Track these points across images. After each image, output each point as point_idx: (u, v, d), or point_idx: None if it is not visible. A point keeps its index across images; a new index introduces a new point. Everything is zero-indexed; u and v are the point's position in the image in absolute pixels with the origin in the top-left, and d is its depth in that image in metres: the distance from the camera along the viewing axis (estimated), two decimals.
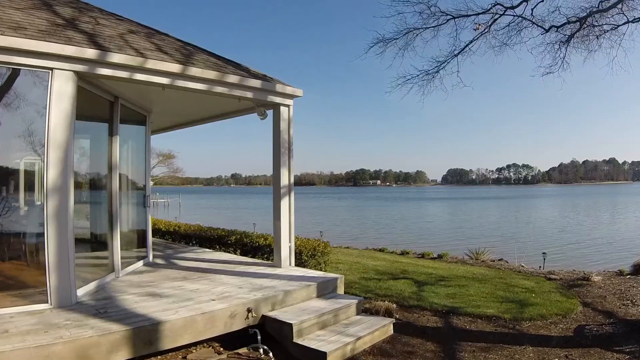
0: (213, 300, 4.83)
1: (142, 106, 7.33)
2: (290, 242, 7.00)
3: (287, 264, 6.92)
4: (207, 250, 9.01)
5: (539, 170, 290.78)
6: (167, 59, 5.48)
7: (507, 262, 11.95)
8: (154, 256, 7.85)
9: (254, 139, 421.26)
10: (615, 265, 14.20)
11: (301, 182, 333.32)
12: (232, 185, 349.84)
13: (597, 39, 7.59)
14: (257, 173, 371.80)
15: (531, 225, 30.36)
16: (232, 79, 6.04)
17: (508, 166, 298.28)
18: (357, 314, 5.46)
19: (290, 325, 4.57)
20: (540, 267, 10.43)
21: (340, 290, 6.10)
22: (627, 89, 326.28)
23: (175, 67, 5.39)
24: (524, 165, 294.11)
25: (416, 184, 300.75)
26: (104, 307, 4.47)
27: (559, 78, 7.71)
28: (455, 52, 7.07)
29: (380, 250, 13.16)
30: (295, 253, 7.23)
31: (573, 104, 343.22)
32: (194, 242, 9.76)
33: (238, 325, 4.66)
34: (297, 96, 7.02)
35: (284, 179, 6.96)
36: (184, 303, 4.67)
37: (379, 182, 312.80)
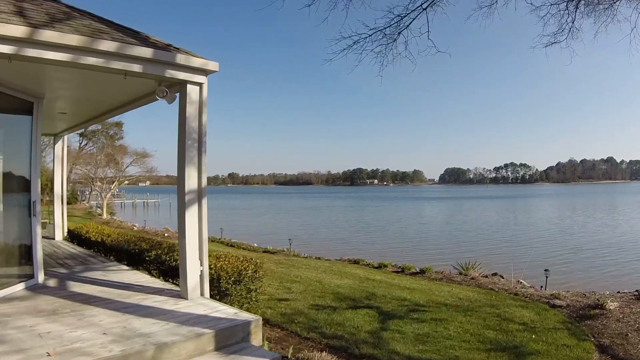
0: (48, 355, 3.28)
1: (26, 91, 5.56)
2: (201, 265, 5.18)
3: (196, 294, 5.11)
4: (125, 267, 7.24)
5: (537, 170, 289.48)
6: (16, 20, 3.86)
7: (503, 278, 10.12)
8: (51, 275, 6.33)
9: (254, 139, 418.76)
10: (630, 279, 12.51)
11: (298, 181, 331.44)
12: (229, 185, 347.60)
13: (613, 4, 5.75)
14: (254, 172, 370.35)
15: (531, 227, 28.57)
16: (107, 46, 4.26)
17: (506, 165, 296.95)
18: None
19: None
20: (541, 287, 8.60)
21: (256, 338, 4.25)
22: (627, 88, 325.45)
23: (20, 31, 3.83)
24: (521, 165, 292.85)
25: (413, 184, 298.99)
26: None
27: (566, 49, 5.84)
28: (424, 3, 5.10)
29: (355, 262, 11.33)
30: (213, 279, 5.39)
31: (572, 102, 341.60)
32: (114, 256, 7.95)
33: None
34: (210, 71, 5.20)
35: (192, 182, 5.13)
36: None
37: (376, 181, 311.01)
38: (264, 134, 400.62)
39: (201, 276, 5.24)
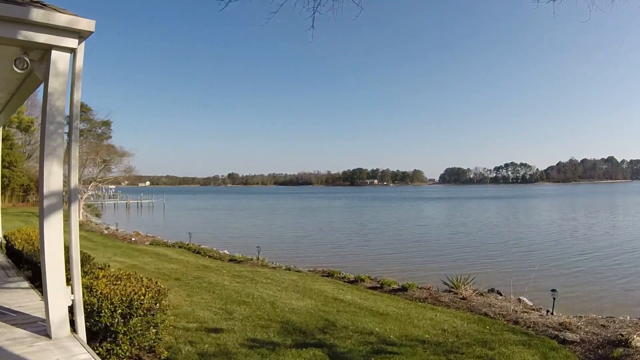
0: None
1: None
2: (72, 293, 3.67)
3: (63, 332, 3.68)
4: (25, 285, 6.07)
5: (537, 169, 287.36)
6: None
7: (501, 295, 8.56)
8: None
9: (252, 137, 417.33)
10: None
11: (298, 181, 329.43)
12: (228, 185, 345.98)
13: None
14: (254, 172, 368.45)
15: (534, 230, 26.94)
16: None
17: (506, 165, 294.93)
18: None
19: None
20: (548, 311, 6.99)
21: None
22: (627, 86, 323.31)
23: None
24: (522, 164, 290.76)
25: (413, 184, 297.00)
26: None
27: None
28: None
29: (329, 274, 9.72)
30: (93, 310, 3.84)
31: (572, 101, 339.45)
32: (30, 269, 6.52)
33: None
34: (85, 32, 3.75)
35: (54, 181, 3.64)
36: None
37: (375, 181, 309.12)
38: (264, 134, 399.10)
39: (72, 307, 3.72)
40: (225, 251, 13.85)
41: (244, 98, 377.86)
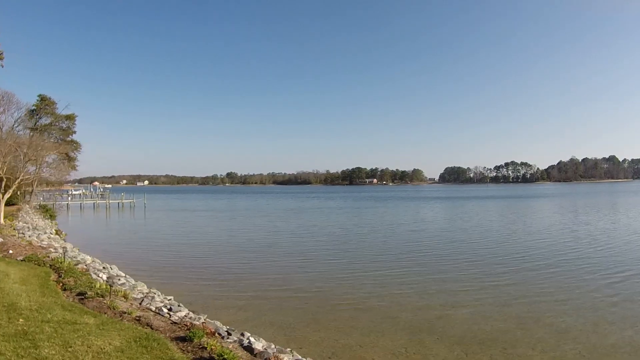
0: None
1: None
2: None
3: None
4: None
5: (538, 168, 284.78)
6: None
7: None
8: None
9: (251, 137, 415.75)
10: None
11: (297, 180, 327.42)
12: (227, 185, 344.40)
13: None
14: (253, 172, 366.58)
15: (544, 241, 24.89)
16: None
17: (506, 164, 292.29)
18: None
19: None
20: None
21: None
22: (627, 86, 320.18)
23: None
24: (522, 163, 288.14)
25: (413, 183, 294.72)
26: None
27: None
28: None
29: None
30: None
31: (572, 100, 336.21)
32: None
33: None
34: None
35: None
36: None
37: (375, 180, 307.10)
38: (263, 133, 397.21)
39: None
40: (102, 275, 11.38)
41: (243, 97, 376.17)
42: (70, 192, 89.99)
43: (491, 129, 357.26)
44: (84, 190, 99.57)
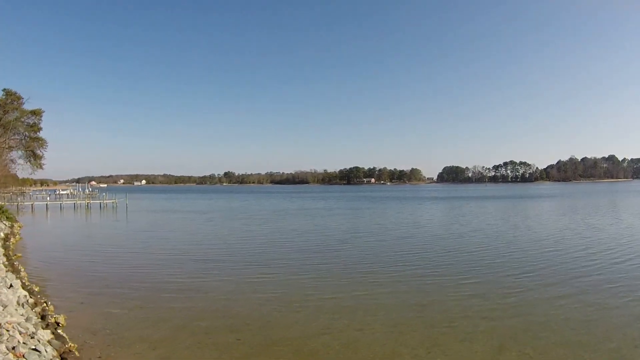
0: None
1: None
2: None
3: None
4: None
5: (537, 168, 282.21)
6: None
7: None
8: None
9: (249, 136, 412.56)
10: None
11: (295, 180, 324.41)
12: (224, 184, 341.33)
13: None
14: (251, 171, 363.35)
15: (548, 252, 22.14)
16: None
17: (505, 164, 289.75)
18: None
19: None
20: None
21: None
22: (627, 85, 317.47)
23: None
24: (521, 163, 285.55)
25: (411, 182, 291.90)
26: None
27: None
28: None
29: None
30: None
31: (571, 100, 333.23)
32: None
33: None
34: None
35: None
36: None
37: (373, 180, 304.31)
38: (261, 133, 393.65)
39: None
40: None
41: (242, 97, 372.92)
42: (57, 192, 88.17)
43: (490, 129, 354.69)
44: (71, 190, 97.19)
